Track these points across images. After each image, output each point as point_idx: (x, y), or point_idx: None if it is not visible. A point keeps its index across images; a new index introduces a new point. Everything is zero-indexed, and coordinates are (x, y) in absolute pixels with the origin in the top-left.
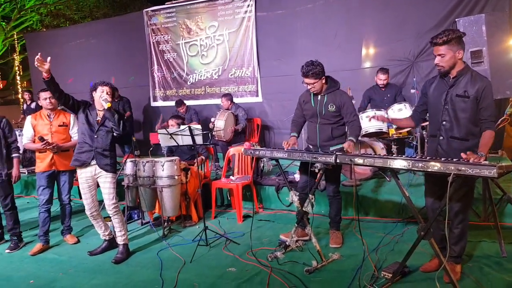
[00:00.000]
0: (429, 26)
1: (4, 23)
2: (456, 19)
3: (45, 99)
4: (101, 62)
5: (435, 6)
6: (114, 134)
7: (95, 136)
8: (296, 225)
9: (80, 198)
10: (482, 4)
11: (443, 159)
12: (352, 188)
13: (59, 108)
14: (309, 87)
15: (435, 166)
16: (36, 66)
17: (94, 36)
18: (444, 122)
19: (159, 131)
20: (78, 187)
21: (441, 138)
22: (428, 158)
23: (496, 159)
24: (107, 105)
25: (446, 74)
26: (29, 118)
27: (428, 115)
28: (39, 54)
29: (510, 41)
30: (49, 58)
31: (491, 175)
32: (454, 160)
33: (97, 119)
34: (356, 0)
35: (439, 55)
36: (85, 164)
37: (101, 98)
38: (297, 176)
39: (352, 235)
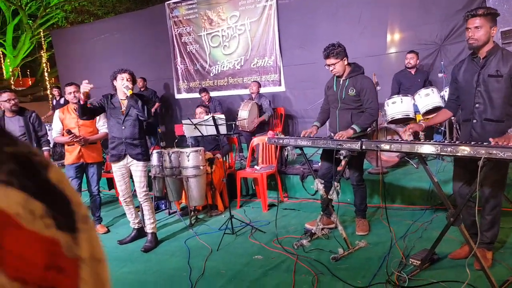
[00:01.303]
0: (456, 7)
1: (30, 21)
2: None
3: (70, 93)
4: (125, 56)
5: None
6: (141, 119)
7: (123, 128)
8: (321, 213)
9: (109, 189)
10: None
11: (473, 143)
12: (378, 176)
13: None
14: (330, 68)
15: (464, 150)
16: (82, 89)
17: (118, 30)
18: (477, 105)
19: (184, 121)
20: (107, 178)
21: (474, 121)
22: (457, 142)
23: None
24: (129, 92)
25: (477, 50)
26: (57, 112)
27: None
28: (87, 80)
29: None
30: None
31: None
32: (485, 143)
33: (122, 109)
34: None
35: (475, 27)
36: (120, 157)
37: (123, 86)
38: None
39: (379, 223)
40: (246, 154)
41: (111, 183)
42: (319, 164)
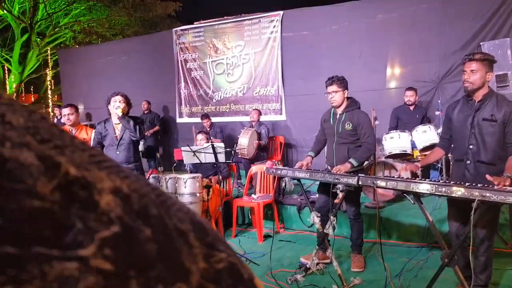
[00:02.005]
0: (454, 48)
1: (39, 39)
2: (481, 43)
3: (65, 115)
4: (130, 78)
5: (461, 29)
6: (134, 141)
7: (117, 152)
8: (317, 247)
9: None
10: (507, 29)
11: (467, 184)
12: (375, 210)
13: (83, 123)
14: (330, 96)
15: (458, 191)
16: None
17: (125, 53)
18: (471, 146)
19: (183, 148)
20: None
21: (468, 162)
22: (452, 182)
23: None
24: (119, 112)
25: (471, 93)
26: None
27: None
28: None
29: None
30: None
31: None
32: (479, 185)
33: (116, 134)
34: (381, 22)
35: (471, 71)
36: None
37: (114, 107)
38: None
39: (374, 259)
40: (244, 181)
41: None
42: (317, 195)
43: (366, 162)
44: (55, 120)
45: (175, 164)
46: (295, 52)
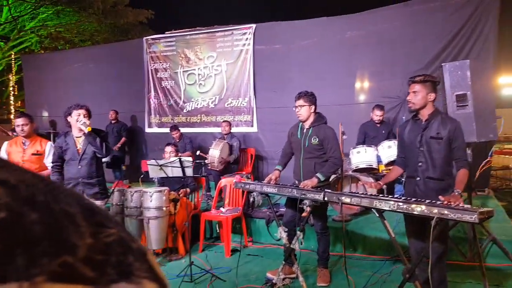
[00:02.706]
0: (418, 67)
1: (2, 43)
2: (442, 64)
3: (18, 126)
4: (98, 86)
5: (424, 49)
6: (98, 156)
7: (79, 167)
8: (283, 262)
9: None
10: (467, 50)
11: (427, 201)
12: (342, 223)
13: (46, 131)
14: (296, 110)
15: (419, 208)
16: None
17: (92, 60)
18: (420, 164)
19: (149, 162)
20: None
21: (418, 179)
22: (412, 200)
23: (483, 197)
24: (87, 129)
25: (416, 114)
26: (5, 145)
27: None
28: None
29: (493, 86)
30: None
31: (472, 221)
32: (438, 203)
33: (77, 148)
34: (350, 38)
35: (413, 92)
36: None
37: (79, 123)
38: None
39: (340, 273)
40: (214, 193)
41: None
42: (285, 208)
43: (333, 176)
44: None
45: (142, 176)
46: (267, 65)
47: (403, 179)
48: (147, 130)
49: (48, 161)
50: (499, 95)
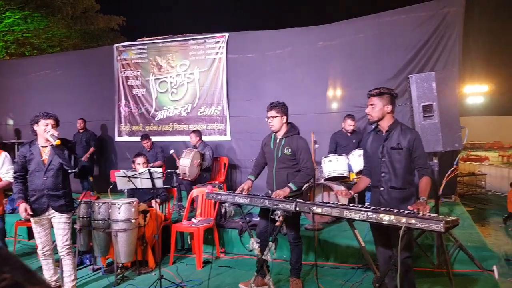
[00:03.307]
0: (387, 76)
1: None
2: (409, 75)
3: None
4: (66, 94)
5: (392, 59)
6: (65, 168)
7: (44, 178)
8: (255, 273)
9: (29, 239)
10: (433, 61)
11: (395, 211)
12: (314, 232)
13: (10, 141)
14: (269, 120)
15: (387, 218)
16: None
17: (61, 67)
18: (383, 174)
19: (116, 173)
20: (27, 227)
21: (381, 189)
22: (381, 209)
23: (450, 204)
24: (56, 143)
25: (375, 125)
26: None
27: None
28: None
29: (457, 97)
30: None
31: (438, 230)
32: (406, 212)
33: (43, 158)
34: (322, 48)
35: (371, 105)
36: (42, 211)
37: (47, 134)
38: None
39: (312, 282)
40: (185, 203)
41: (31, 232)
42: (259, 218)
43: (306, 185)
44: None
45: (111, 186)
46: (240, 73)
47: None
48: (117, 139)
49: (3, 171)
50: (465, 104)
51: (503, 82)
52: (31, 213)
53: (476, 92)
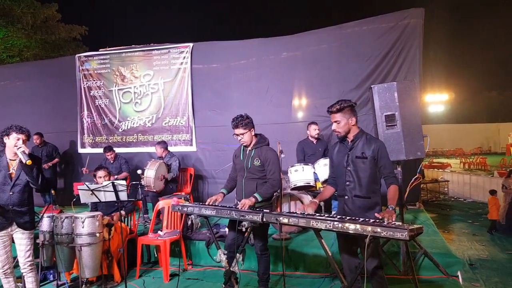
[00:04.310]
0: (350, 86)
1: None
2: (372, 86)
3: None
4: (26, 105)
5: (355, 69)
6: (31, 185)
7: (10, 193)
8: (223, 285)
9: None
10: (395, 72)
11: (361, 219)
12: (282, 242)
13: None
14: (239, 138)
15: (353, 226)
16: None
17: (21, 78)
18: (347, 183)
19: (79, 186)
20: None
21: (346, 197)
22: (347, 219)
23: (415, 211)
24: (27, 162)
25: (344, 138)
26: None
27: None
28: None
29: (419, 106)
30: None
31: (403, 238)
32: (371, 221)
33: (10, 172)
34: (286, 59)
35: (335, 121)
36: (4, 227)
37: (18, 149)
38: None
39: None
40: (151, 215)
41: None
42: (226, 229)
43: (274, 195)
44: None
45: (74, 199)
46: (206, 83)
47: None
48: (81, 150)
49: None
50: (426, 112)
51: (463, 91)
52: None
53: (436, 101)
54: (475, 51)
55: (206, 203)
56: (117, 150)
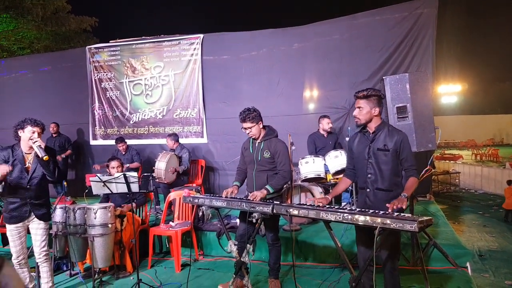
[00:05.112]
0: (362, 78)
1: None
2: (383, 77)
3: None
4: (37, 98)
5: (367, 61)
6: (48, 179)
7: (27, 186)
8: (234, 275)
9: (4, 245)
10: (408, 62)
11: (370, 211)
12: (292, 233)
13: None
14: (247, 131)
15: (362, 218)
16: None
17: (32, 70)
18: (369, 175)
19: (91, 178)
20: (1, 233)
21: (368, 190)
22: (357, 210)
23: (425, 203)
24: (44, 158)
25: (362, 127)
26: None
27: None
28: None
29: (431, 98)
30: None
31: (413, 230)
32: (381, 213)
33: (26, 165)
34: (297, 50)
35: (358, 107)
36: (22, 219)
37: (34, 143)
38: (239, 222)
39: (291, 282)
40: (163, 206)
41: (5, 238)
42: (237, 219)
43: (285, 186)
44: None
45: (87, 190)
46: (216, 75)
47: (350, 187)
48: (92, 142)
49: None
50: (439, 104)
51: (476, 82)
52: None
53: (450, 91)
54: (488, 41)
55: (223, 196)
56: (129, 141)
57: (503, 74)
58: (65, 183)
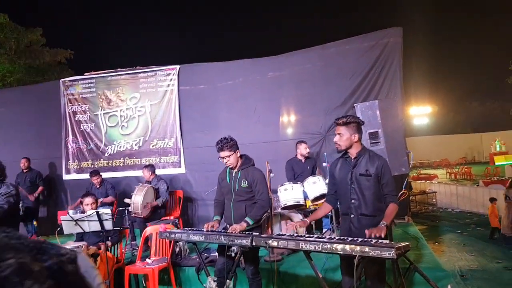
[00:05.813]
0: (335, 104)
1: None
2: (354, 104)
3: None
4: (8, 132)
5: (339, 88)
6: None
7: None
8: None
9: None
10: (378, 88)
11: (349, 239)
12: (274, 264)
13: None
14: (224, 161)
15: (341, 247)
16: None
17: (4, 104)
18: (352, 201)
19: (62, 217)
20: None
21: (352, 216)
22: (335, 239)
23: (404, 225)
24: None
25: (342, 153)
26: None
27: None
28: None
29: (401, 123)
30: None
31: (391, 257)
32: (359, 240)
33: None
34: (272, 79)
35: (338, 134)
36: None
37: None
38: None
39: None
40: (139, 241)
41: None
42: (216, 253)
43: (264, 216)
44: None
45: (59, 228)
46: (193, 105)
47: (329, 213)
48: (65, 177)
49: None
50: (411, 125)
51: (445, 103)
52: None
53: (421, 113)
54: (456, 65)
55: (204, 229)
56: (104, 174)
57: (471, 95)
58: (35, 222)
